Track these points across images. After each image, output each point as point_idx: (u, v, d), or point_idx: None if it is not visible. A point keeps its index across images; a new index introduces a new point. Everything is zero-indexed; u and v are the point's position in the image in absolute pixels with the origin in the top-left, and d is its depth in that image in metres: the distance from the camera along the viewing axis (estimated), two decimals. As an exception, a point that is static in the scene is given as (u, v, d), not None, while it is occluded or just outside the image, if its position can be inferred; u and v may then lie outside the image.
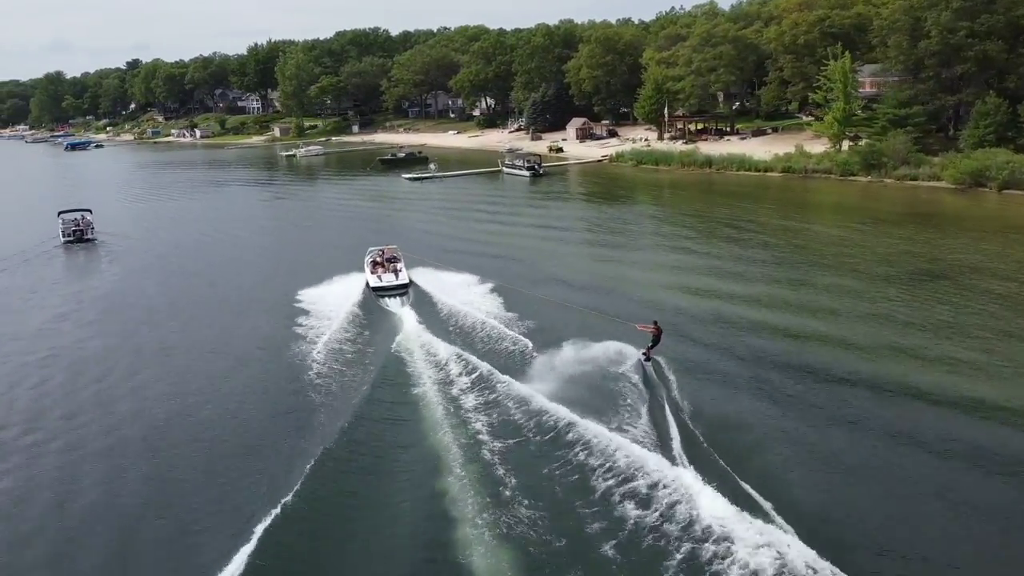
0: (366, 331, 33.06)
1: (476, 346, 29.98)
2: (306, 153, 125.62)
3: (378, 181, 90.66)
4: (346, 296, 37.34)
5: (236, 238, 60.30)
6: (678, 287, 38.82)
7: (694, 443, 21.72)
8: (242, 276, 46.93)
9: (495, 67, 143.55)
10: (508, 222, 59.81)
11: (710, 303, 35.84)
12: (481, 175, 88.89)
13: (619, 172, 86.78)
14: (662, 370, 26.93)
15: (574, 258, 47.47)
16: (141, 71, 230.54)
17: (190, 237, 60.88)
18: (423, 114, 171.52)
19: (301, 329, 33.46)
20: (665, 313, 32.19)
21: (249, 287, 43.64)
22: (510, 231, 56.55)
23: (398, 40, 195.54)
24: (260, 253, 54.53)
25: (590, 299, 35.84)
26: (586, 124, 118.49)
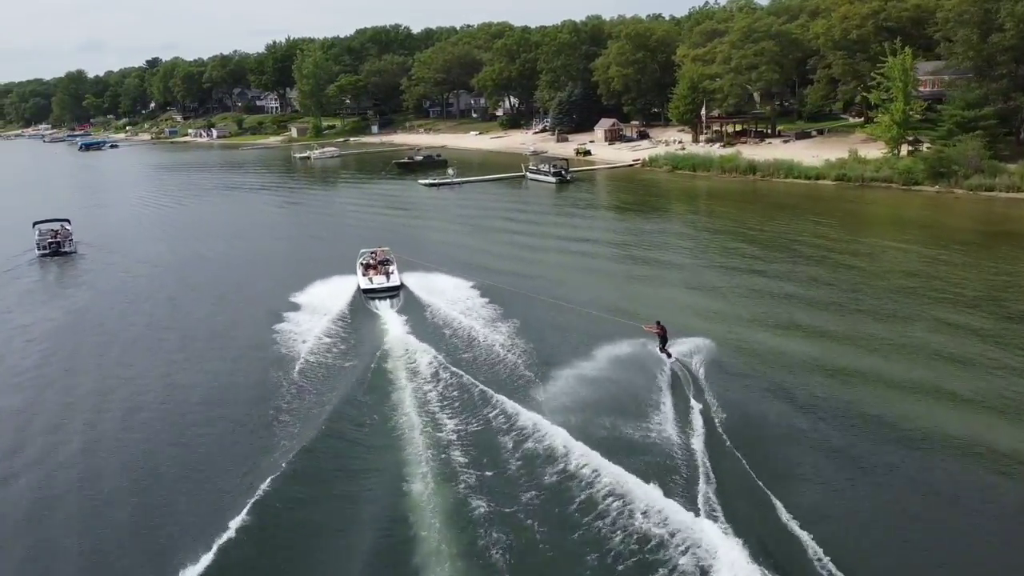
0: (351, 336, 32.22)
1: (461, 352, 29.23)
2: (321, 155, 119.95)
3: (393, 186, 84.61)
4: (334, 300, 36.58)
5: (227, 251, 54.74)
6: (725, 318, 32.65)
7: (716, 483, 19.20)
8: (226, 295, 41.62)
9: (519, 65, 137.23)
10: (530, 234, 53.79)
11: (765, 338, 29.73)
12: (503, 181, 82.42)
13: (653, 178, 79.80)
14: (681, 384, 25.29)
15: (602, 280, 41.29)
16: (160, 70, 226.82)
17: (179, 250, 55.19)
18: (444, 114, 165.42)
19: (283, 335, 32.47)
20: (712, 352, 27.63)
21: (230, 310, 38.57)
22: (532, 245, 50.88)
23: (420, 38, 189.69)
24: (251, 269, 48.99)
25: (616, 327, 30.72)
26: (615, 125, 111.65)
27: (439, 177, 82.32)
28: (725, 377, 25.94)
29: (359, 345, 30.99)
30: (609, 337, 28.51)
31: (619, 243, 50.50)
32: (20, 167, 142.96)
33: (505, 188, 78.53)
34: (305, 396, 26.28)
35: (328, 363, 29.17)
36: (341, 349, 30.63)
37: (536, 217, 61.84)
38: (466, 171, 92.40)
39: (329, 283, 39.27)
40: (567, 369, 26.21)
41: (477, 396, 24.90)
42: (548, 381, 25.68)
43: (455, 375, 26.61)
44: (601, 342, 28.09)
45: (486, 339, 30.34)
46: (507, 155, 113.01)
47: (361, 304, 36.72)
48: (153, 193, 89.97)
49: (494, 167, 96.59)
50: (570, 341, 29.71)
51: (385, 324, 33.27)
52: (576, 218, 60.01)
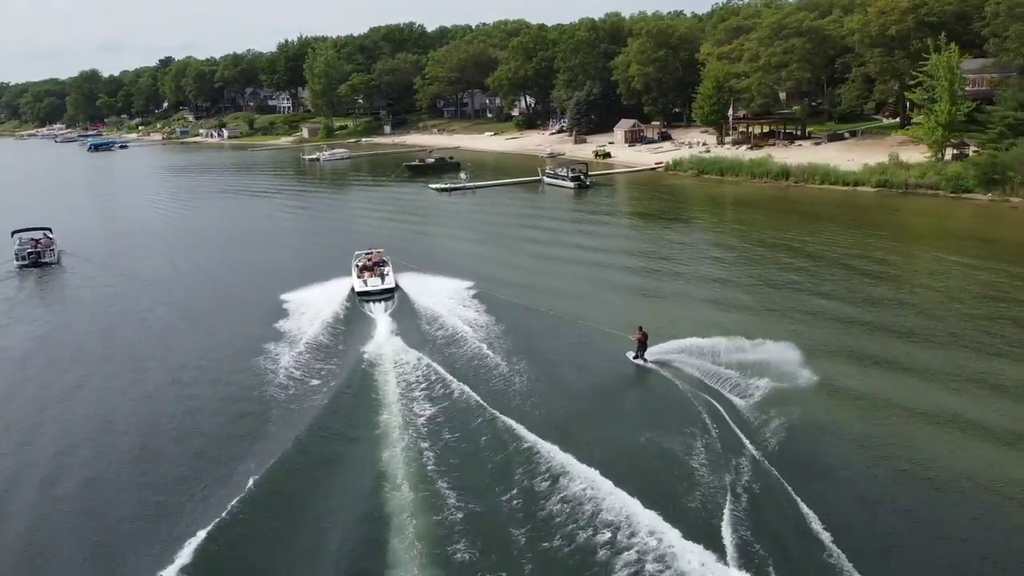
0: (341, 340, 31.77)
1: (449, 358, 28.86)
2: (330, 157, 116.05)
3: (402, 191, 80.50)
4: (326, 303, 36.09)
5: (221, 259, 51.07)
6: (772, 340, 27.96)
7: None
8: (214, 311, 38.38)
9: (536, 64, 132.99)
10: (546, 243, 50.12)
11: (827, 368, 25.39)
12: (519, 185, 78.04)
13: (677, 183, 75.08)
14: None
15: (620, 295, 37.63)
16: (172, 69, 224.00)
17: (171, 260, 51.42)
18: (459, 114, 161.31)
19: (273, 335, 32.18)
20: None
21: (217, 324, 35.94)
22: (547, 254, 47.26)
23: (434, 36, 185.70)
24: (244, 276, 45.76)
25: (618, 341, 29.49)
26: (636, 126, 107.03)
27: (451, 181, 78.11)
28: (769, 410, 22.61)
29: (347, 350, 30.48)
30: (603, 350, 28.80)
31: (641, 254, 46.08)
32: (24, 168, 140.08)
33: (521, 193, 74.23)
34: (286, 403, 25.84)
35: (314, 368, 28.77)
36: (328, 353, 30.19)
37: (552, 224, 57.54)
38: (480, 174, 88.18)
39: (324, 287, 38.88)
40: (550, 380, 26.45)
41: (462, 403, 24.68)
42: (531, 390, 25.67)
43: (441, 381, 26.33)
44: (592, 354, 28.87)
45: (475, 345, 29.97)
46: (523, 157, 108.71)
47: (354, 307, 36.39)
48: (151, 197, 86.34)
49: (509, 170, 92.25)
50: (560, 352, 29.29)
51: (376, 327, 32.94)
52: (595, 227, 55.67)
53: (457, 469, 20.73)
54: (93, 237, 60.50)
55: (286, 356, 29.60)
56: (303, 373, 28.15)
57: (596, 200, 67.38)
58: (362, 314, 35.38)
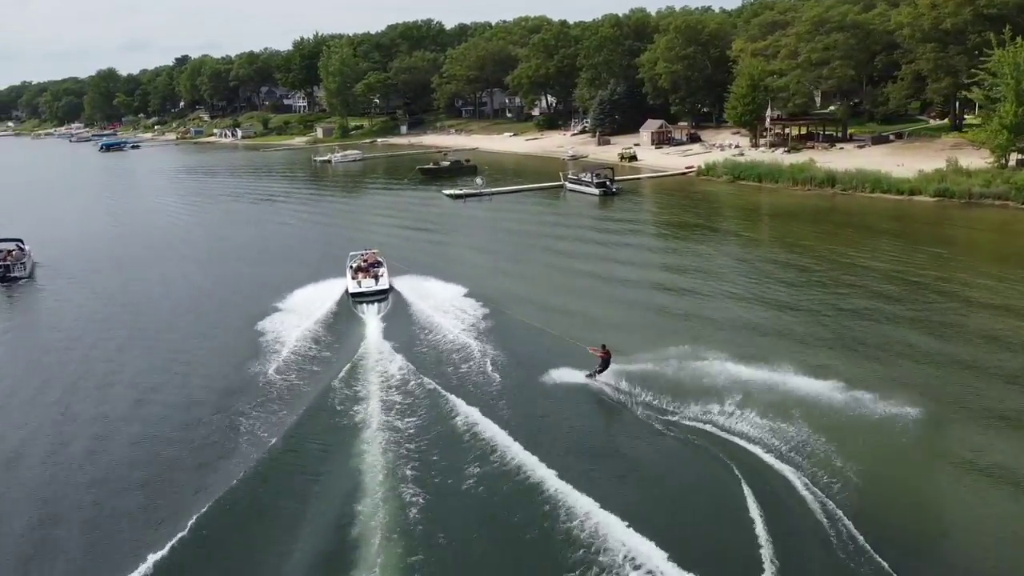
0: (331, 343, 31.18)
1: (435, 365, 28.03)
2: (342, 159, 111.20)
3: (414, 197, 75.35)
4: (319, 304, 35.49)
5: (209, 279, 45.77)
6: (856, 380, 22.71)
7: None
8: (192, 339, 33.82)
9: (557, 62, 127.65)
10: (567, 254, 45.37)
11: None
12: (539, 192, 72.54)
13: (711, 190, 69.18)
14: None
15: (651, 324, 32.25)
16: (187, 68, 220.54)
17: (155, 273, 46.65)
18: (477, 114, 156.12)
19: (262, 337, 31.53)
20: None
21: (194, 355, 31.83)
22: (565, 268, 42.37)
23: (453, 33, 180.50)
24: (231, 291, 41.18)
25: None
26: (663, 127, 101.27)
27: (467, 187, 72.79)
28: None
29: (332, 356, 29.76)
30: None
31: (675, 271, 40.67)
32: (30, 168, 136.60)
33: (541, 200, 68.76)
34: (264, 410, 25.10)
35: (297, 373, 28.13)
36: (314, 358, 29.56)
37: (574, 234, 52.17)
38: (498, 178, 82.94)
39: (317, 287, 38.25)
40: (533, 392, 25.55)
41: (443, 411, 24.04)
42: (512, 400, 24.81)
43: (425, 390, 25.58)
44: (554, 358, 27.42)
45: (464, 350, 29.20)
46: (543, 159, 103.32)
47: (343, 310, 35.55)
48: (150, 201, 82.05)
49: (529, 173, 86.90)
50: (545, 365, 27.16)
51: (366, 331, 32.22)
52: (621, 238, 50.29)
53: (426, 480, 20.01)
54: (79, 247, 56.01)
55: (271, 362, 28.68)
56: (284, 379, 27.40)
57: (623, 208, 61.74)
58: (353, 316, 34.62)
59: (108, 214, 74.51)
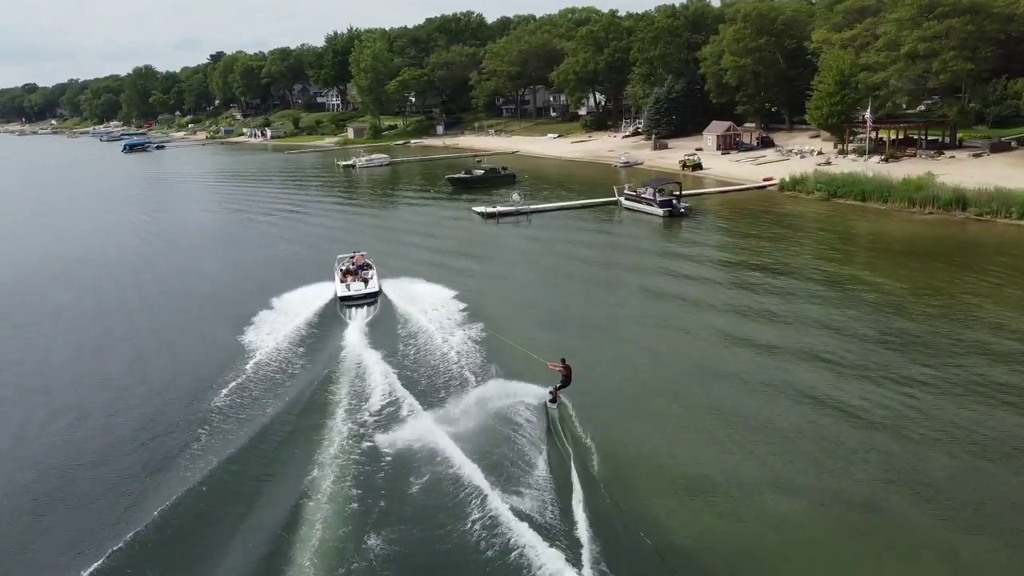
0: (313, 348, 30.13)
1: (416, 374, 26.91)
2: (367, 163, 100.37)
3: (439, 214, 63.86)
4: (307, 307, 34.68)
5: (169, 298, 38.21)
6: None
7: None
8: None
9: (607, 56, 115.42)
10: (624, 330, 31.97)
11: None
12: (588, 210, 60.16)
13: (802, 211, 55.52)
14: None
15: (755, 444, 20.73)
16: (220, 65, 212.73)
17: (95, 309, 37.21)
18: (519, 113, 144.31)
19: (241, 346, 30.23)
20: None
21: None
22: (622, 345, 29.55)
23: (494, 27, 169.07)
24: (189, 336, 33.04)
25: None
26: (731, 130, 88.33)
27: (501, 203, 61.08)
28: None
29: (310, 363, 28.53)
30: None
31: (793, 357, 28.03)
32: (43, 172, 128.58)
33: (590, 222, 56.51)
34: (232, 415, 24.40)
35: (273, 378, 27.13)
36: (292, 364, 28.45)
37: (635, 278, 39.77)
38: (540, 189, 71.17)
39: (308, 288, 37.61)
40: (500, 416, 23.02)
41: (413, 426, 22.83)
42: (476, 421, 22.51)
43: (397, 401, 24.60)
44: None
45: (447, 358, 28.07)
46: (592, 166, 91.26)
47: (327, 315, 34.44)
48: (141, 212, 71.99)
49: (576, 183, 74.92)
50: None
51: (349, 336, 31.14)
52: (703, 290, 37.46)
53: (379, 492, 19.48)
54: (30, 268, 45.87)
55: (245, 371, 27.69)
56: (260, 385, 26.63)
57: (696, 237, 48.91)
58: (339, 321, 33.65)
59: (80, 231, 64.44)
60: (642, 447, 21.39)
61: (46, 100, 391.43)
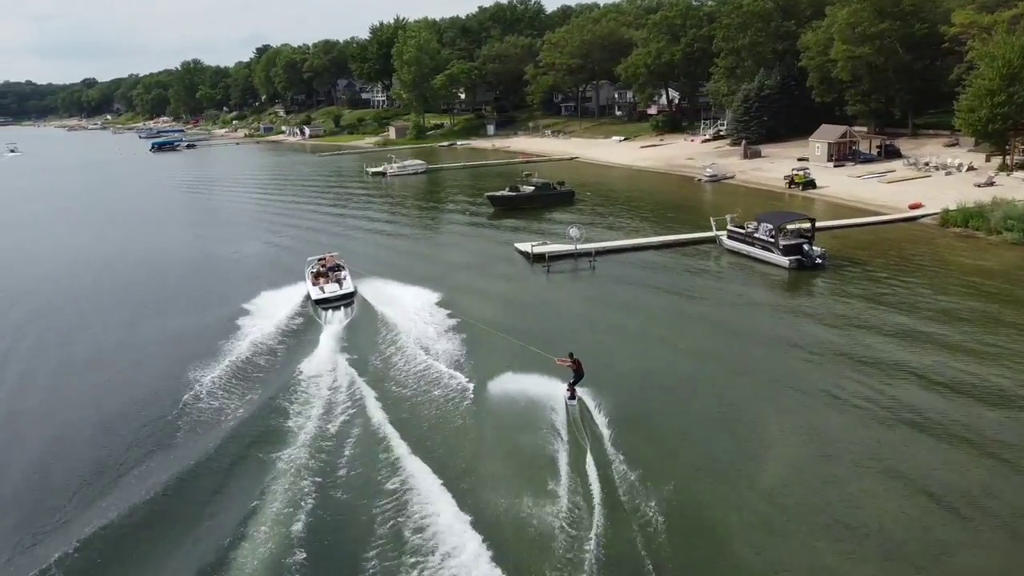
0: (281, 355, 28.62)
1: (391, 382, 25.51)
2: (400, 171, 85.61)
3: (470, 247, 48.26)
4: (281, 309, 33.67)
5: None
6: None
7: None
8: None
9: (684, 46, 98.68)
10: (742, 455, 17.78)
11: None
12: (673, 252, 43.39)
13: (993, 265, 37.56)
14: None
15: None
16: (263, 59, 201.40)
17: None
18: (579, 111, 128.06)
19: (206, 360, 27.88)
20: None
21: None
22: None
23: (554, 16, 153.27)
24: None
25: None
26: (848, 136, 70.77)
27: (552, 237, 45.27)
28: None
29: (280, 370, 27.22)
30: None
31: None
32: (47, 176, 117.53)
33: (679, 274, 39.60)
34: (195, 422, 23.44)
35: (241, 384, 25.98)
36: (262, 370, 27.32)
37: (763, 412, 23.93)
38: (604, 210, 55.53)
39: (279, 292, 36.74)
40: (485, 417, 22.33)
41: (376, 437, 21.68)
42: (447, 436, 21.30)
43: (365, 416, 23.10)
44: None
45: (425, 363, 26.81)
46: (668, 179, 74.88)
47: (309, 316, 33.07)
48: (121, 226, 58.20)
49: (651, 205, 58.80)
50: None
51: (323, 340, 29.81)
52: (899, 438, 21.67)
53: (337, 503, 18.72)
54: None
55: (206, 380, 26.09)
56: (225, 392, 25.38)
57: (850, 312, 31.12)
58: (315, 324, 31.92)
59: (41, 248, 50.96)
60: None
61: (102, 95, 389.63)
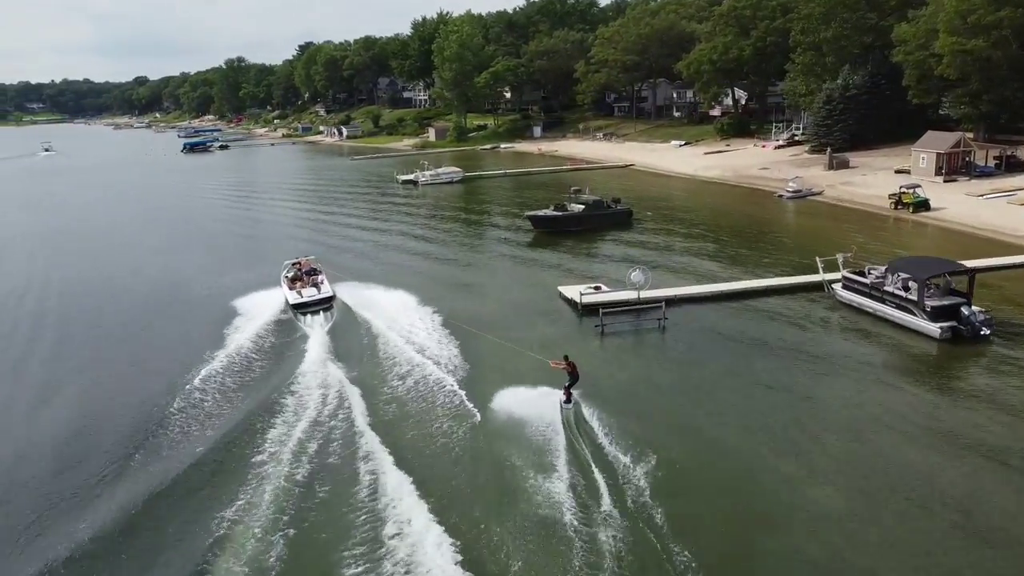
0: (264, 360, 27.81)
1: (377, 386, 24.75)
2: (433, 179, 76.73)
3: (501, 283, 38.52)
4: (259, 316, 32.81)
5: None
6: None
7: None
8: None
9: (755, 40, 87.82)
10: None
11: None
12: (764, 302, 32.87)
13: None
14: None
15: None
16: (304, 56, 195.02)
17: None
18: (635, 112, 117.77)
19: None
20: None
21: None
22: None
23: (608, 9, 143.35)
24: None
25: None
26: (962, 145, 59.52)
27: (608, 281, 35.63)
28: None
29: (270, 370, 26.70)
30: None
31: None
32: (55, 179, 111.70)
33: (777, 328, 29.55)
34: (179, 431, 22.61)
35: (223, 396, 24.96)
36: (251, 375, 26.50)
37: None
38: (670, 234, 45.61)
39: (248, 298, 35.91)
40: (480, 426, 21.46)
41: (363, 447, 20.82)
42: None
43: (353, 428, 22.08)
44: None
45: (411, 366, 26.18)
46: (740, 191, 64.61)
47: (289, 321, 32.15)
48: (102, 249, 50.39)
49: (726, 229, 48.70)
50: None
51: (308, 343, 29.16)
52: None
53: (321, 521, 17.80)
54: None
55: (176, 399, 24.75)
56: (204, 405, 24.40)
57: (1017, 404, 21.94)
58: (296, 327, 31.19)
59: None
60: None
61: (152, 93, 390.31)
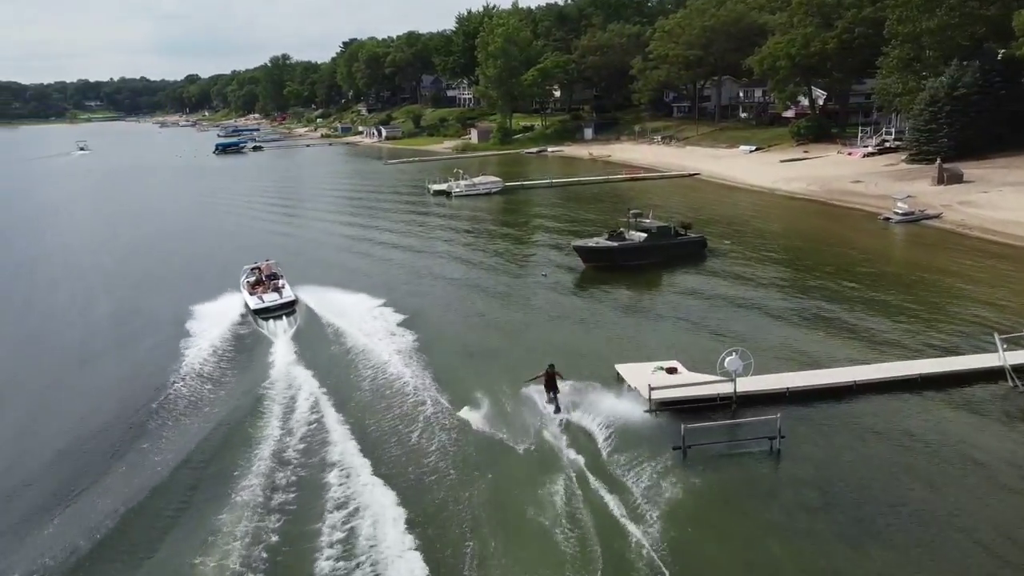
0: (229, 368, 27.30)
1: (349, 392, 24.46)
2: (468, 189, 67.64)
3: (542, 366, 29.22)
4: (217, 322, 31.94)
5: None
6: None
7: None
8: None
9: (841, 31, 76.66)
10: None
11: None
12: (913, 401, 22.72)
13: None
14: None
15: None
16: (346, 53, 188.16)
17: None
18: (696, 113, 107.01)
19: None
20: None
21: None
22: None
23: (668, 2, 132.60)
24: None
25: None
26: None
27: (695, 349, 26.05)
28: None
29: (228, 391, 25.54)
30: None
31: None
32: (60, 182, 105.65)
33: (918, 440, 20.26)
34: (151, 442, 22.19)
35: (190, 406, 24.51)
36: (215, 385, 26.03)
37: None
38: (752, 280, 35.77)
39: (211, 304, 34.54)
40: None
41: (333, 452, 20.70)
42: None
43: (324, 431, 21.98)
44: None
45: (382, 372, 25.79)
46: (832, 212, 54.16)
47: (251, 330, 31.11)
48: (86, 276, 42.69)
49: (829, 267, 38.44)
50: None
51: (274, 351, 28.50)
52: None
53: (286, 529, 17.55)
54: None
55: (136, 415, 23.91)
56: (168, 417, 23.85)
57: None
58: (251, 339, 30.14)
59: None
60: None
61: (202, 91, 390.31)
